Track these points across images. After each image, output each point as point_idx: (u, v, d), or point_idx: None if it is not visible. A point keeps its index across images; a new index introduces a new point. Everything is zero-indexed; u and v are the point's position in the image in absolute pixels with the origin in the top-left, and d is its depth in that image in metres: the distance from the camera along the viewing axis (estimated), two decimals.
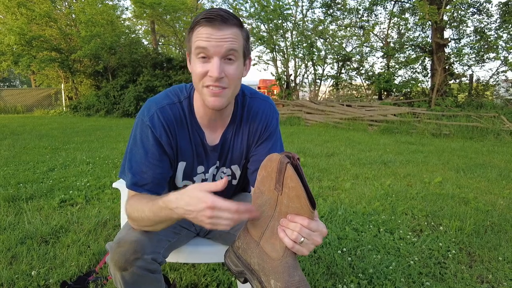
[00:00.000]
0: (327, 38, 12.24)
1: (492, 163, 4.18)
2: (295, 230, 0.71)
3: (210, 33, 0.83)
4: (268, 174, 0.75)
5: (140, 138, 0.95)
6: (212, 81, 0.86)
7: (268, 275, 0.76)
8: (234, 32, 0.85)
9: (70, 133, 6.76)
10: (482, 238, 2.07)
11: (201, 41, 0.83)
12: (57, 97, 14.12)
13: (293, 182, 0.69)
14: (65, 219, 2.25)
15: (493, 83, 10.23)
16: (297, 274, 0.74)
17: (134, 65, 11.70)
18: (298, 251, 0.73)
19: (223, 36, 0.83)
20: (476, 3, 10.16)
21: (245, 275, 0.82)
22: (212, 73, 0.84)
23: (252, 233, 0.82)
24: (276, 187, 0.74)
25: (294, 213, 0.72)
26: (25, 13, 11.34)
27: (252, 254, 0.81)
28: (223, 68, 0.85)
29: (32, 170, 3.58)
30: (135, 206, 0.90)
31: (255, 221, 0.80)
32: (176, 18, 13.31)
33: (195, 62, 0.87)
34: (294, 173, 0.69)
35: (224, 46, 0.83)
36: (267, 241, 0.78)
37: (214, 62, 0.84)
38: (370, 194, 2.89)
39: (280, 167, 0.72)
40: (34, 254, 1.78)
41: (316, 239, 0.72)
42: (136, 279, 0.89)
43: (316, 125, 8.42)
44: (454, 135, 6.55)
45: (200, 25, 0.84)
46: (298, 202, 0.70)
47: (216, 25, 0.83)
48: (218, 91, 0.87)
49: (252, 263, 0.81)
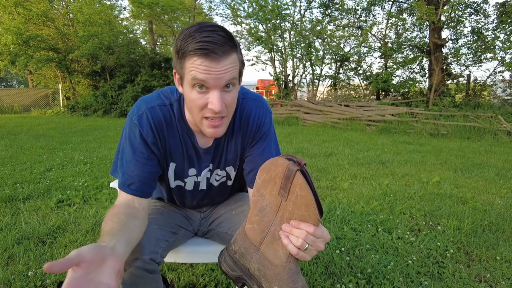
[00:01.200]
0: (325, 38, 12.26)
1: (490, 163, 4.19)
2: (301, 237, 0.69)
3: (207, 66, 0.77)
4: (271, 178, 0.73)
5: (129, 137, 0.94)
6: (213, 113, 0.83)
7: (270, 282, 0.75)
8: (232, 59, 0.80)
9: (67, 133, 6.74)
10: (480, 238, 2.07)
11: (199, 73, 0.77)
12: (55, 97, 14.08)
13: (302, 191, 0.67)
14: (62, 219, 2.24)
15: (490, 83, 10.28)
16: (300, 280, 0.73)
17: (132, 65, 11.68)
18: (302, 257, 0.72)
19: (222, 68, 0.78)
20: (474, 4, 10.20)
21: (243, 280, 0.80)
22: (214, 106, 0.81)
23: (251, 237, 0.80)
24: (280, 193, 0.71)
25: (299, 220, 0.70)
26: (22, 12, 11.29)
27: (251, 259, 0.79)
28: (223, 98, 0.82)
29: (29, 170, 3.56)
30: (105, 221, 0.83)
31: (254, 225, 0.78)
32: (174, 18, 13.32)
33: (191, 91, 0.82)
34: (305, 182, 0.67)
35: (224, 78, 0.79)
36: (268, 247, 0.76)
37: (215, 95, 0.80)
38: (368, 194, 2.89)
39: (288, 174, 0.69)
40: (31, 254, 1.77)
41: (320, 245, 0.70)
42: (134, 280, 0.89)
43: (314, 125, 8.42)
44: (452, 135, 6.56)
45: (195, 56, 0.77)
46: (306, 210, 0.68)
47: (214, 58, 0.76)
48: (218, 123, 0.86)
49: (251, 269, 0.79)
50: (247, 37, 12.04)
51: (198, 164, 1.04)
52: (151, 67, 11.26)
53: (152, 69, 11.20)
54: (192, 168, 1.05)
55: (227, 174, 1.11)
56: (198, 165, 1.04)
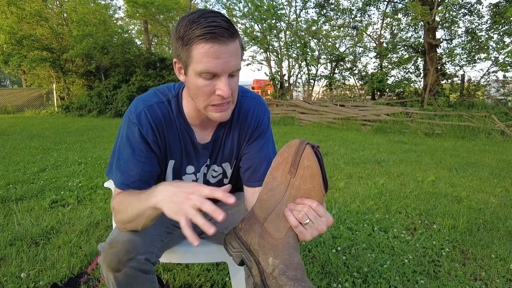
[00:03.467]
0: (320, 38, 12.29)
1: (484, 162, 4.22)
2: (303, 210, 0.72)
3: (218, 51, 0.76)
4: (284, 159, 0.76)
5: (127, 136, 0.93)
6: (221, 100, 0.84)
7: (267, 253, 0.76)
8: (237, 44, 0.81)
9: (62, 133, 6.68)
10: (475, 236, 2.08)
11: (208, 63, 0.77)
12: (49, 97, 13.96)
13: (309, 161, 0.70)
14: (56, 220, 2.21)
15: (484, 83, 10.37)
16: (296, 256, 0.74)
17: (127, 65, 11.61)
18: (301, 233, 0.73)
19: (230, 53, 0.78)
20: (467, 4, 10.29)
21: (243, 255, 0.81)
22: (223, 93, 0.81)
23: (257, 215, 0.81)
24: (290, 171, 0.74)
25: (304, 197, 0.73)
26: (15, 11, 11.18)
27: (254, 234, 0.80)
28: (229, 84, 0.82)
29: (23, 171, 3.52)
30: (121, 199, 0.88)
31: (262, 203, 0.80)
32: (170, 17, 13.27)
33: (198, 79, 0.81)
34: (312, 153, 0.70)
35: (232, 64, 0.80)
36: (271, 223, 0.78)
37: (223, 82, 0.80)
38: (364, 193, 2.89)
39: (298, 149, 0.72)
40: (23, 256, 1.75)
41: (321, 225, 0.72)
42: (129, 280, 0.87)
43: (310, 125, 8.44)
44: (447, 135, 6.61)
45: (203, 41, 0.76)
46: (311, 182, 0.71)
47: (222, 41, 0.76)
48: (225, 107, 0.86)
49: (252, 243, 0.80)
50: (242, 37, 12.04)
51: (197, 161, 1.04)
52: (146, 67, 11.21)
53: (147, 69, 11.14)
54: (190, 166, 1.04)
55: (223, 171, 1.10)
56: (196, 161, 1.04)
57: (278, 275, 0.72)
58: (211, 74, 0.80)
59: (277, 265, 0.73)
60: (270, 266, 0.74)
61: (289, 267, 0.72)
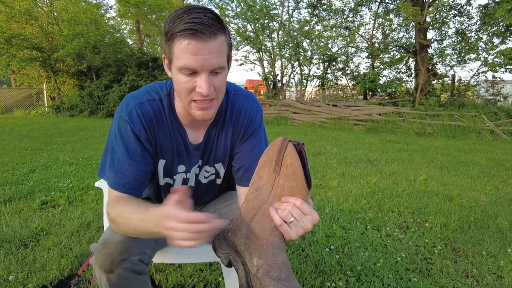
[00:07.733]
0: (313, 38, 12.33)
1: (474, 161, 4.28)
2: (287, 208, 0.71)
3: (195, 48, 0.76)
4: (269, 158, 0.75)
5: (120, 135, 0.91)
6: (201, 97, 0.82)
7: (252, 254, 0.75)
8: (220, 42, 0.79)
9: (52, 133, 6.58)
10: (466, 234, 2.10)
11: (187, 59, 0.77)
12: (39, 97, 13.75)
13: (291, 159, 0.69)
14: (46, 221, 2.18)
15: (474, 83, 10.51)
16: (281, 255, 0.73)
17: (119, 64, 11.50)
18: (286, 232, 0.72)
19: (210, 50, 0.77)
20: (458, 5, 10.42)
21: (230, 256, 0.80)
22: (202, 90, 0.80)
23: (244, 215, 0.81)
24: (275, 169, 0.74)
25: (289, 195, 0.72)
26: (4, 10, 10.98)
27: (240, 235, 0.80)
28: (211, 81, 0.81)
29: (12, 172, 3.46)
30: (121, 212, 0.84)
31: (249, 203, 0.79)
32: (162, 17, 13.15)
33: (179, 75, 0.81)
34: (294, 150, 0.69)
35: (212, 61, 0.78)
36: (257, 223, 0.77)
37: (203, 79, 0.79)
38: (357, 192, 2.91)
39: (281, 147, 0.72)
40: (12, 258, 1.71)
41: (306, 223, 0.70)
42: (122, 282, 0.86)
43: (302, 124, 8.46)
44: (438, 134, 6.68)
45: (182, 37, 0.76)
46: (294, 179, 0.70)
47: (201, 38, 0.75)
48: (207, 105, 0.84)
49: (238, 244, 0.79)
50: (235, 37, 12.02)
51: (188, 160, 1.02)
52: (138, 66, 11.11)
53: (139, 68, 11.05)
54: (181, 165, 1.03)
55: (216, 172, 1.09)
56: (188, 161, 1.02)
57: (262, 275, 0.71)
58: (190, 70, 0.79)
59: (261, 265, 0.72)
60: (254, 266, 0.73)
61: (273, 267, 0.72)
